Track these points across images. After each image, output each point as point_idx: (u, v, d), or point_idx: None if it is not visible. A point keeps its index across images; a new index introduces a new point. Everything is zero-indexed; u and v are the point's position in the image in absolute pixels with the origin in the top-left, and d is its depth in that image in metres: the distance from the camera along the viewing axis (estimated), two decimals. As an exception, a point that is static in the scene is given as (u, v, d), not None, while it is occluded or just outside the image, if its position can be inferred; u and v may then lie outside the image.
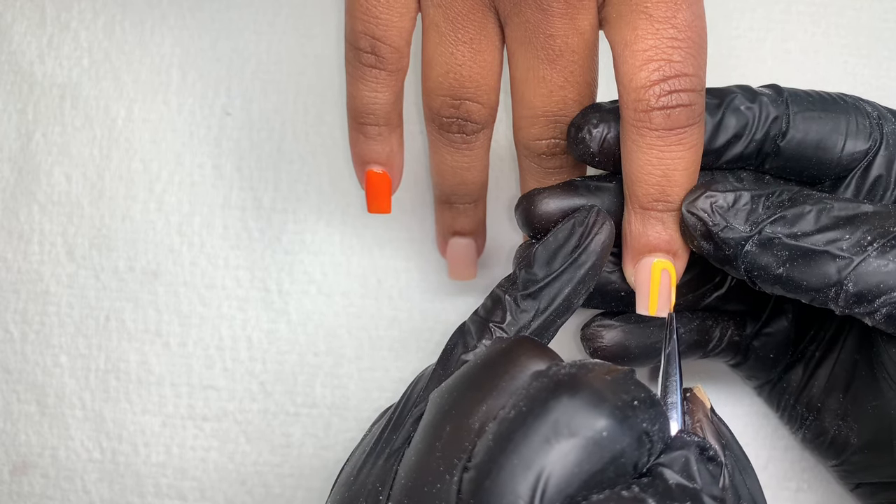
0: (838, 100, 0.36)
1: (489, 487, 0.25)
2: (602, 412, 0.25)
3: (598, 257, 0.34)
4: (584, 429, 0.25)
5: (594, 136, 0.35)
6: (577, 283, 0.34)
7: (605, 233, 0.34)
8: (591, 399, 0.26)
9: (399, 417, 0.32)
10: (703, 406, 0.32)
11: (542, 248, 0.34)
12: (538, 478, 0.24)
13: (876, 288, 0.31)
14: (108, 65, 0.49)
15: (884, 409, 0.34)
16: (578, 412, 0.25)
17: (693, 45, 0.33)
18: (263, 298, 0.47)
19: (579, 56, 0.35)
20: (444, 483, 0.26)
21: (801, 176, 0.37)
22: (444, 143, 0.39)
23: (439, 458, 0.27)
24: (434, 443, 0.27)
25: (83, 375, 0.46)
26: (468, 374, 0.29)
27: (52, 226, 0.48)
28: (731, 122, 0.35)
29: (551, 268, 0.34)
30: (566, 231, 0.35)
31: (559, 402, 0.26)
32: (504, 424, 0.26)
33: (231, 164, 0.48)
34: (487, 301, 0.34)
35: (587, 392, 0.26)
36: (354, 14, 0.36)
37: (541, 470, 0.25)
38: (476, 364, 0.29)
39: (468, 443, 0.26)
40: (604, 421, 0.25)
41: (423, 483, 0.27)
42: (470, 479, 0.25)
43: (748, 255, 0.33)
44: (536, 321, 0.34)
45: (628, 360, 0.39)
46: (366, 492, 0.29)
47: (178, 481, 0.45)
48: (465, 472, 0.26)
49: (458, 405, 0.28)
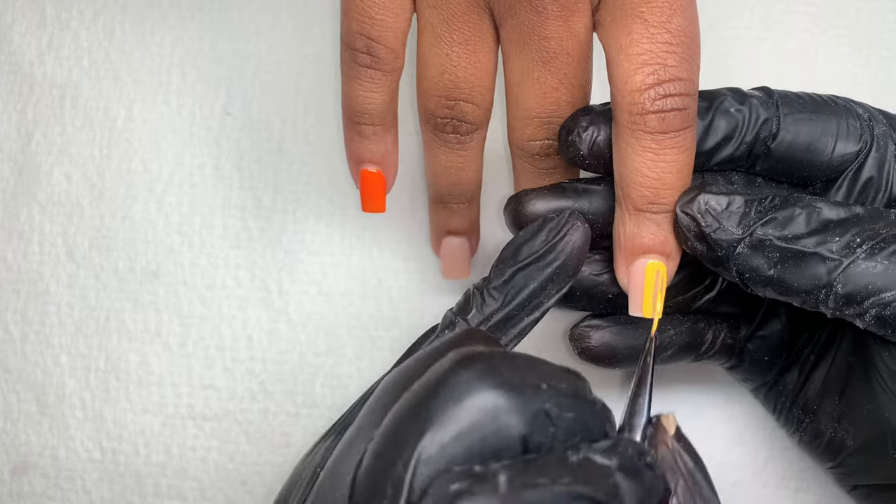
0: (829, 102, 0.36)
1: (381, 453, 0.25)
2: (489, 382, 0.25)
3: (567, 257, 0.35)
4: (468, 397, 0.25)
5: (584, 138, 0.36)
6: (545, 280, 0.34)
7: (578, 234, 0.35)
8: (482, 370, 0.26)
9: (355, 406, 0.33)
10: (665, 434, 0.31)
11: (510, 244, 0.35)
12: (420, 440, 0.25)
13: (865, 290, 0.31)
14: (108, 65, 0.49)
15: (878, 411, 0.34)
16: (467, 381, 0.25)
17: (687, 50, 0.33)
18: (263, 298, 0.47)
19: (573, 58, 0.36)
20: (355, 454, 0.27)
21: (793, 178, 0.37)
22: (439, 144, 0.39)
23: (363, 433, 0.27)
24: (362, 419, 0.28)
25: (83, 375, 0.46)
26: (411, 359, 0.30)
27: (52, 226, 0.48)
28: (721, 124, 0.35)
29: (516, 261, 0.35)
30: (534, 228, 0.35)
31: (455, 373, 0.26)
32: (407, 396, 0.26)
33: (231, 164, 0.48)
34: (461, 298, 0.35)
35: (481, 364, 0.26)
36: (350, 15, 0.36)
37: (421, 435, 0.25)
38: (422, 350, 0.30)
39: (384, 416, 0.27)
40: (489, 390, 0.25)
41: (345, 455, 0.28)
42: (370, 447, 0.26)
43: (740, 256, 0.33)
44: (499, 314, 0.34)
45: (616, 361, 0.39)
46: (313, 465, 0.31)
47: (179, 481, 0.45)
48: (369, 442, 0.26)
49: (392, 387, 0.28)
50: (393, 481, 0.24)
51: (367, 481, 0.25)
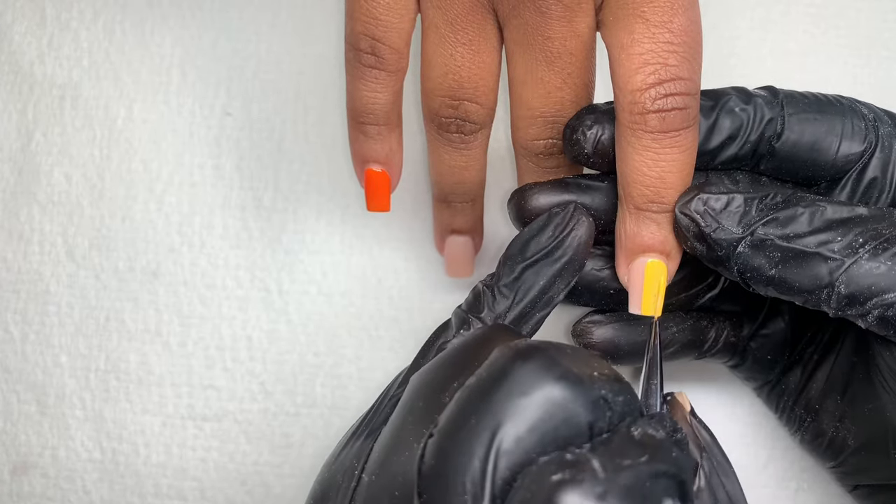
0: (834, 101, 0.36)
1: (448, 449, 0.25)
2: (553, 374, 0.26)
3: (574, 252, 0.35)
4: (536, 390, 0.25)
5: (588, 137, 0.36)
6: (554, 276, 0.35)
7: (583, 229, 0.35)
8: (544, 363, 0.26)
9: (380, 405, 0.33)
10: (683, 410, 0.31)
11: (517, 240, 0.35)
12: (492, 437, 0.25)
13: (867, 290, 0.31)
14: (108, 65, 0.49)
15: (880, 411, 0.34)
16: (531, 375, 0.26)
17: (688, 50, 0.33)
18: (263, 298, 0.47)
19: (577, 58, 0.36)
20: (411, 451, 0.27)
21: (797, 177, 0.37)
22: (443, 143, 0.39)
23: (410, 430, 0.28)
24: (407, 417, 0.28)
25: (83, 375, 0.46)
26: (444, 356, 0.30)
27: (52, 226, 0.48)
28: (725, 123, 0.35)
29: (524, 258, 0.35)
30: (541, 223, 0.35)
31: (514, 366, 0.26)
32: (465, 392, 0.27)
33: (231, 164, 0.48)
34: (469, 296, 0.35)
35: (541, 357, 0.26)
36: (354, 15, 0.36)
37: (495, 429, 0.25)
38: (452, 347, 0.30)
39: (437, 413, 0.27)
40: (555, 382, 0.26)
41: (393, 453, 0.28)
42: (432, 444, 0.26)
43: (741, 256, 0.33)
44: (512, 311, 0.34)
45: (618, 357, 0.39)
46: (343, 469, 0.30)
47: (179, 481, 0.45)
48: (429, 439, 0.26)
49: (432, 383, 0.29)
50: (471, 476, 0.25)
51: (438, 478, 0.25)
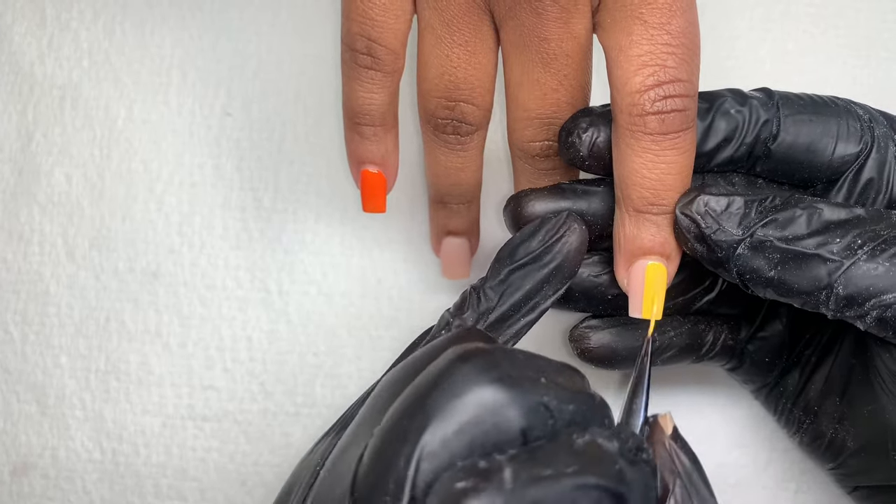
0: (829, 103, 0.36)
1: (380, 449, 0.25)
2: (489, 377, 0.25)
3: (564, 258, 0.35)
4: (469, 392, 0.25)
5: (584, 140, 0.36)
6: (541, 281, 0.34)
7: (575, 236, 0.35)
8: (483, 366, 0.26)
9: (356, 404, 0.33)
10: (663, 433, 0.31)
11: (507, 244, 0.35)
12: (419, 438, 0.25)
13: (866, 291, 0.31)
14: (108, 65, 0.49)
15: (879, 413, 0.34)
16: (467, 377, 0.26)
17: (687, 52, 0.33)
18: (263, 299, 0.47)
19: (573, 60, 0.36)
20: (356, 451, 0.27)
21: (793, 179, 0.37)
22: (439, 144, 0.39)
23: (363, 430, 0.28)
24: (364, 416, 0.28)
25: (83, 376, 0.46)
26: (410, 358, 0.30)
27: (52, 226, 0.48)
28: (721, 125, 0.35)
29: (512, 261, 0.35)
30: (532, 228, 0.35)
31: (453, 368, 0.26)
32: (406, 392, 0.27)
33: (231, 164, 0.48)
34: (458, 299, 0.35)
35: (481, 360, 0.26)
36: (350, 16, 0.36)
37: (423, 430, 0.25)
38: (420, 349, 0.30)
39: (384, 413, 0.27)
40: (489, 385, 0.25)
41: (345, 452, 0.28)
42: (370, 444, 0.26)
43: (740, 257, 0.33)
44: (495, 313, 0.34)
45: (615, 362, 0.39)
46: (311, 465, 0.30)
47: (179, 482, 0.45)
48: (370, 439, 0.26)
49: (392, 384, 0.28)
50: (395, 477, 0.24)
51: (368, 477, 0.25)
